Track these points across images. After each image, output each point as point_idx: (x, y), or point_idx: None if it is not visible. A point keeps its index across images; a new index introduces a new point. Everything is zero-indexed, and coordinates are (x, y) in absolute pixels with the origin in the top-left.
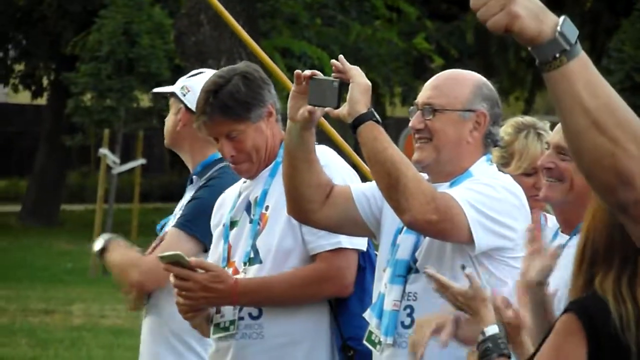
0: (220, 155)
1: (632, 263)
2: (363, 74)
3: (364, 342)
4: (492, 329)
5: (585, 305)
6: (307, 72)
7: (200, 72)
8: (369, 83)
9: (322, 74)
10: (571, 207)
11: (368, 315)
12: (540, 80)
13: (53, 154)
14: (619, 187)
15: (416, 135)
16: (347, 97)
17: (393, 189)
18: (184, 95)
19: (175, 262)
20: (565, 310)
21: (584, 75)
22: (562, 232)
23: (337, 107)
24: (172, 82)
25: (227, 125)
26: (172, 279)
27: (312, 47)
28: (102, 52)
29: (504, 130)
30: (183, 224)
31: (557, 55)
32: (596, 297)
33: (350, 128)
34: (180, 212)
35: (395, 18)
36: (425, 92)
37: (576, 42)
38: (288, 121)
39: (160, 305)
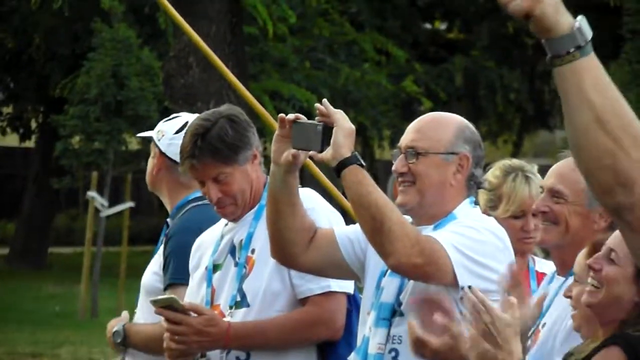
0: (192, 197)
1: None
2: (347, 118)
3: None
4: None
5: (630, 342)
6: (291, 116)
7: (176, 117)
8: (353, 127)
9: (306, 118)
10: (567, 250)
11: (353, 358)
12: (528, 123)
13: (41, 196)
14: (617, 189)
15: (399, 179)
16: (331, 140)
17: (377, 233)
18: (159, 140)
19: (168, 305)
20: (609, 344)
21: (593, 74)
22: (558, 274)
23: (321, 150)
24: None
25: (215, 168)
26: (164, 323)
27: (301, 90)
28: (90, 94)
29: (492, 173)
30: (174, 279)
31: (571, 50)
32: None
33: (334, 172)
34: (161, 270)
35: (384, 61)
36: (408, 136)
37: (589, 41)
38: (272, 165)
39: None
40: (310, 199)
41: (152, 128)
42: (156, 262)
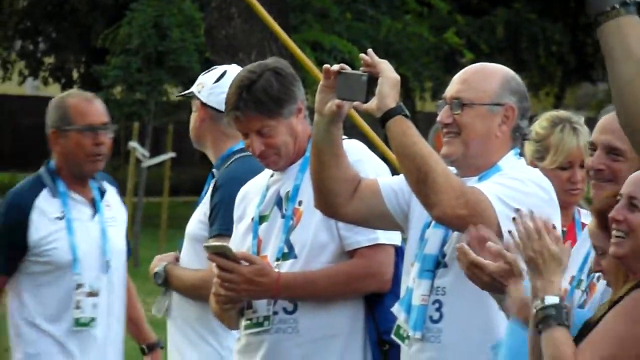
0: (236, 148)
1: None
2: (392, 68)
3: (392, 336)
4: (555, 299)
5: None
6: (336, 67)
7: (213, 68)
8: (398, 77)
9: (350, 68)
10: None
11: (396, 309)
12: (570, 75)
13: None
14: None
15: (444, 130)
16: (376, 91)
17: (422, 184)
18: (199, 92)
19: (220, 253)
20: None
21: (636, 30)
22: None
23: (366, 101)
24: None
25: (259, 121)
26: (215, 270)
27: (343, 41)
28: (132, 45)
29: (539, 124)
30: (222, 230)
31: (617, 5)
32: None
33: (379, 122)
34: (206, 218)
35: (426, 12)
36: (454, 86)
37: (633, 2)
38: (316, 115)
39: (181, 304)
40: (357, 151)
41: (193, 79)
42: (201, 210)
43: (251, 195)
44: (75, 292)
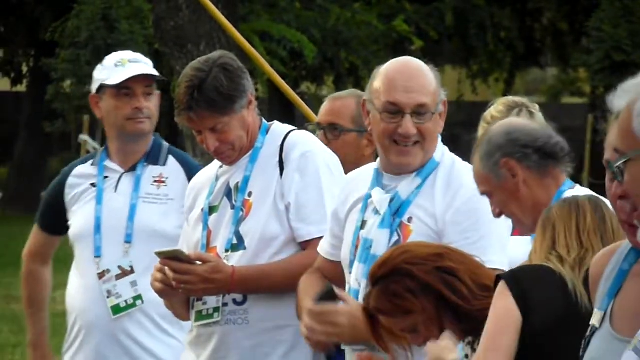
0: (154, 138)
1: None
2: None
3: None
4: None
5: (514, 273)
6: None
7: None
8: None
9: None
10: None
11: None
12: (519, 61)
13: (33, 140)
14: None
15: (403, 142)
16: None
17: None
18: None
19: (173, 257)
20: (498, 280)
21: None
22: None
23: None
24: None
25: (212, 119)
26: (170, 273)
27: (292, 30)
28: (81, 38)
29: (495, 109)
30: None
31: None
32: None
33: None
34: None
35: (375, 1)
36: (413, 95)
37: None
38: None
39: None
40: (307, 142)
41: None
42: (174, 208)
43: (200, 185)
44: None
